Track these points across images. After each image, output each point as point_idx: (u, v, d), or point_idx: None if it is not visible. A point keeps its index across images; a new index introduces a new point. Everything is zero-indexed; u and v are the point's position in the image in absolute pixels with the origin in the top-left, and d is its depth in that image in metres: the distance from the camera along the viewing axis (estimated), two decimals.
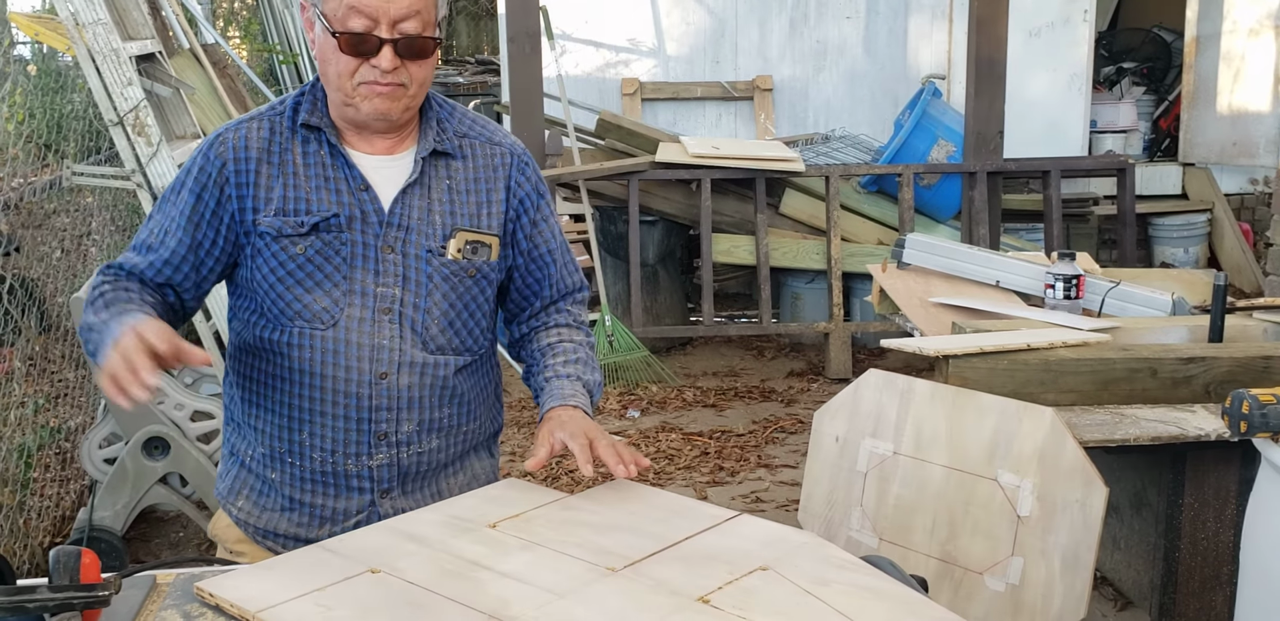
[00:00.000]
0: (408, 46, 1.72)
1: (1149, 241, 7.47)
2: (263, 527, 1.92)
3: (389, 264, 1.81)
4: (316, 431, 1.84)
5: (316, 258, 1.79)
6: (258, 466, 1.91)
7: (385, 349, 1.82)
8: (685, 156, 5.70)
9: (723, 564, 1.47)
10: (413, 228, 1.82)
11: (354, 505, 1.88)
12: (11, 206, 4.60)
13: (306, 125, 1.81)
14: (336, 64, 1.74)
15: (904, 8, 7.45)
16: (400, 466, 1.88)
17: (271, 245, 1.79)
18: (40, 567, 3.48)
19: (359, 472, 1.87)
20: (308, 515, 1.89)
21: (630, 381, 5.56)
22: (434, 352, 1.86)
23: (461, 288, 1.87)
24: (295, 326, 1.81)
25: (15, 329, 4.00)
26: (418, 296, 1.83)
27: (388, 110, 1.76)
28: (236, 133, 1.82)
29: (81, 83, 5.05)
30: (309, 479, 1.88)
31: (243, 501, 1.94)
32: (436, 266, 1.84)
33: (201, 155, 1.82)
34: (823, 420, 2.45)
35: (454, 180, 1.87)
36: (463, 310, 1.88)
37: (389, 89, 1.74)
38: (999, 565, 2.14)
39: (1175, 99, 8.06)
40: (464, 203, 1.87)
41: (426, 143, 1.85)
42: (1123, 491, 3.08)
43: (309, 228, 1.78)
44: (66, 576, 1.24)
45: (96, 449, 3.60)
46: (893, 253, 3.70)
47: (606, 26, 7.47)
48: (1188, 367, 2.69)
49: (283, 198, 1.79)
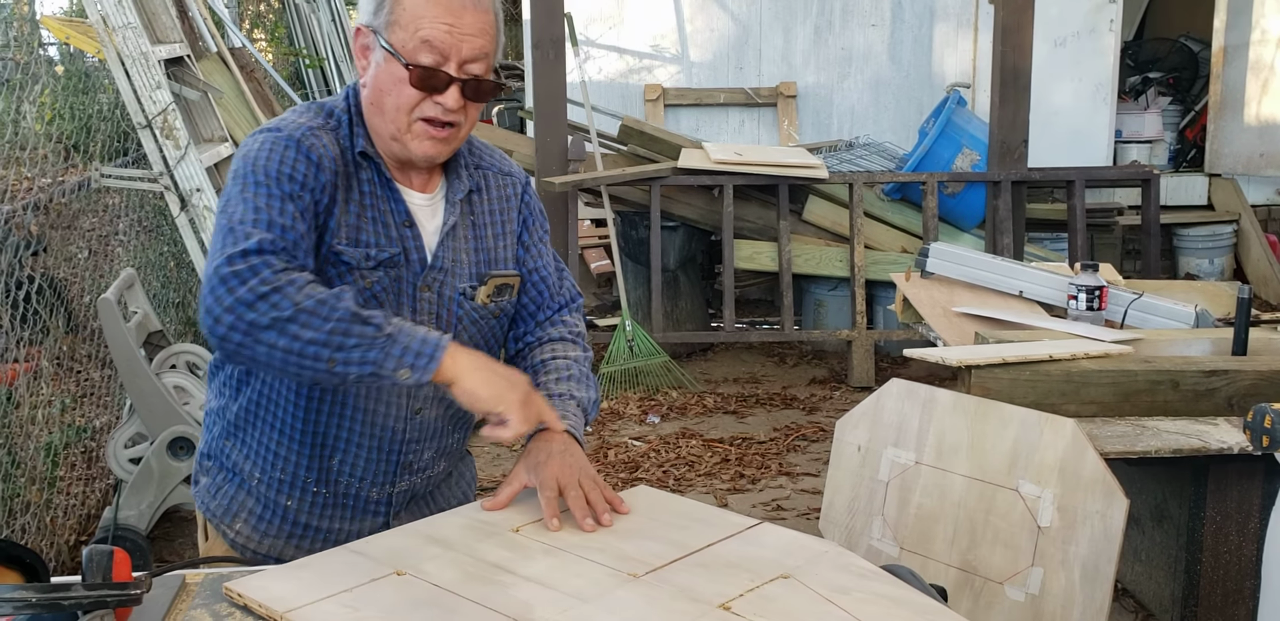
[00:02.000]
0: (474, 88, 1.71)
1: (1174, 252, 7.44)
2: (264, 553, 1.86)
3: (425, 302, 1.79)
4: (348, 460, 1.82)
5: (381, 293, 1.74)
6: (267, 490, 1.84)
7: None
8: (708, 162, 5.71)
9: (744, 571, 1.48)
10: (449, 269, 1.81)
11: (368, 526, 1.87)
12: (41, 207, 4.64)
13: (364, 154, 1.75)
14: (398, 96, 1.69)
15: (929, 16, 7.44)
16: (414, 490, 1.90)
17: (346, 276, 1.71)
18: (66, 565, 3.52)
19: (380, 498, 1.87)
20: (321, 541, 1.85)
21: (650, 387, 5.57)
22: None
23: (486, 328, 1.88)
24: None
25: (43, 329, 4.04)
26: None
27: (438, 154, 1.75)
28: (318, 140, 1.70)
29: (108, 84, 5.10)
30: (330, 504, 1.85)
31: (240, 525, 1.87)
32: (467, 310, 1.83)
33: (294, 151, 1.67)
34: (845, 429, 2.45)
35: (476, 215, 1.87)
36: (483, 346, 1.87)
37: (445, 133, 1.72)
38: (1019, 575, 2.14)
39: (1202, 109, 8.02)
40: (484, 237, 1.87)
41: (460, 183, 1.84)
42: (1144, 503, 3.07)
43: (376, 263, 1.73)
44: (99, 574, 1.26)
45: (122, 448, 3.64)
46: (916, 261, 3.70)
47: (631, 32, 7.49)
48: (1210, 380, 2.69)
49: (350, 226, 1.72)
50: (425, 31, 1.66)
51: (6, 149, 4.21)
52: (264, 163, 1.65)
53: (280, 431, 1.80)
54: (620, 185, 5.78)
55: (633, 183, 5.75)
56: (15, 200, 4.46)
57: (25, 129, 4.64)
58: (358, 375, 1.54)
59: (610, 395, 5.48)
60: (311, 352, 1.51)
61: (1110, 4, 7.24)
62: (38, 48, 5.81)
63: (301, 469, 1.82)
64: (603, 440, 4.93)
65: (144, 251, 5.19)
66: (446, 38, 1.67)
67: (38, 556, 1.30)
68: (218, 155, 4.50)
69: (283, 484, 1.83)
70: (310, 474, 1.82)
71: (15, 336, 3.82)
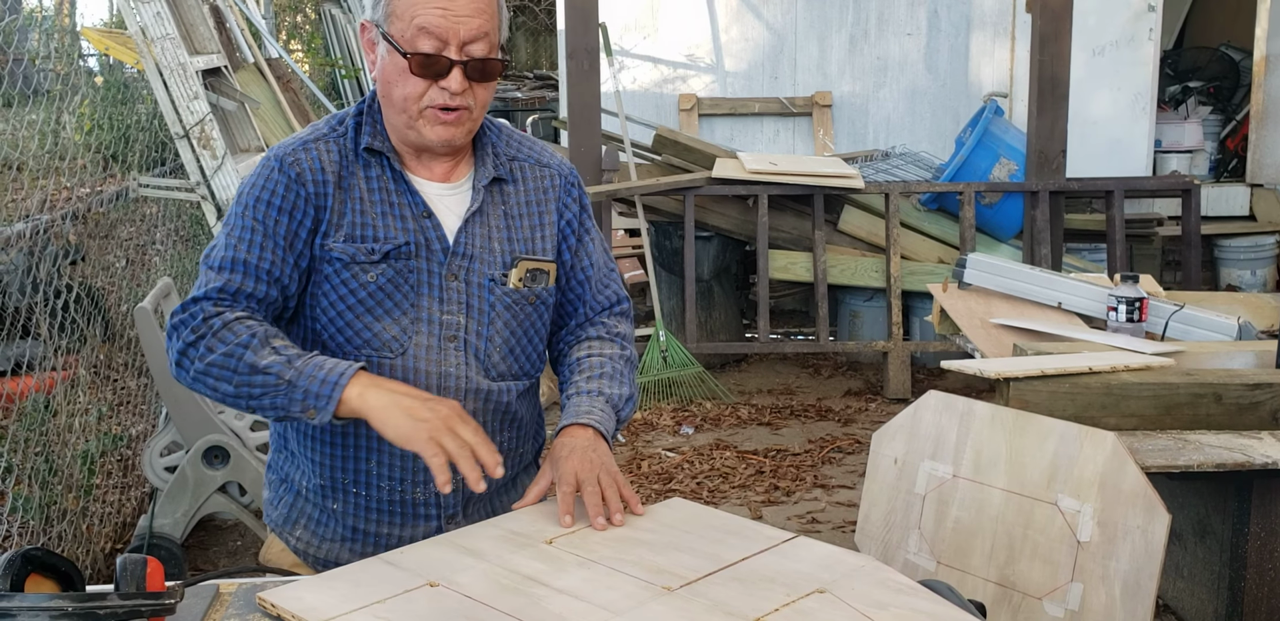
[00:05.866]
0: (476, 69, 1.72)
1: (1215, 264, 7.35)
2: (323, 557, 1.90)
3: (452, 292, 1.81)
4: (384, 461, 1.83)
5: (388, 285, 1.77)
6: (315, 496, 1.89)
7: (451, 376, 1.81)
8: (742, 172, 5.70)
9: (780, 585, 1.46)
10: (475, 256, 1.82)
11: (420, 532, 1.86)
12: (80, 217, 4.68)
13: (370, 150, 1.80)
14: (404, 86, 1.72)
15: (966, 25, 7.40)
16: (464, 491, 1.86)
17: (342, 272, 1.76)
18: (102, 573, 3.54)
19: (425, 500, 1.86)
20: (372, 544, 1.87)
21: (684, 397, 5.55)
22: (495, 379, 1.85)
23: (522, 315, 1.87)
24: (362, 355, 1.78)
25: (81, 337, 4.07)
26: (480, 324, 1.83)
27: (451, 137, 1.76)
28: (308, 153, 1.78)
29: (147, 94, 5.15)
30: (374, 508, 1.86)
31: (300, 531, 1.92)
32: (499, 295, 1.83)
33: (277, 172, 1.77)
34: (881, 441, 2.43)
35: (509, 205, 1.87)
36: (522, 336, 1.88)
37: (454, 116, 1.74)
38: (1058, 590, 2.11)
39: (1243, 119, 7.93)
40: (519, 227, 1.87)
41: (485, 170, 1.85)
42: (1186, 518, 3.02)
43: (380, 255, 1.76)
44: (133, 584, 1.26)
45: (158, 457, 3.65)
46: (954, 272, 3.67)
47: (665, 42, 7.49)
48: (1254, 394, 2.65)
49: (351, 224, 1.77)
50: (421, 19, 1.69)
51: (46, 159, 4.25)
52: (249, 188, 1.79)
53: (312, 437, 1.85)
54: (654, 195, 5.78)
55: (667, 193, 5.74)
56: (54, 209, 4.51)
57: (65, 139, 4.69)
58: (276, 417, 1.67)
59: (644, 406, 5.47)
60: (231, 402, 1.68)
61: (1149, 13, 7.18)
62: (78, 59, 5.88)
63: (339, 471, 1.84)
64: (636, 451, 4.91)
65: (181, 261, 5.23)
66: (442, 22, 1.69)
67: (73, 565, 1.30)
68: (254, 165, 4.53)
69: (325, 489, 1.87)
70: (347, 476, 1.85)
71: (53, 345, 3.85)
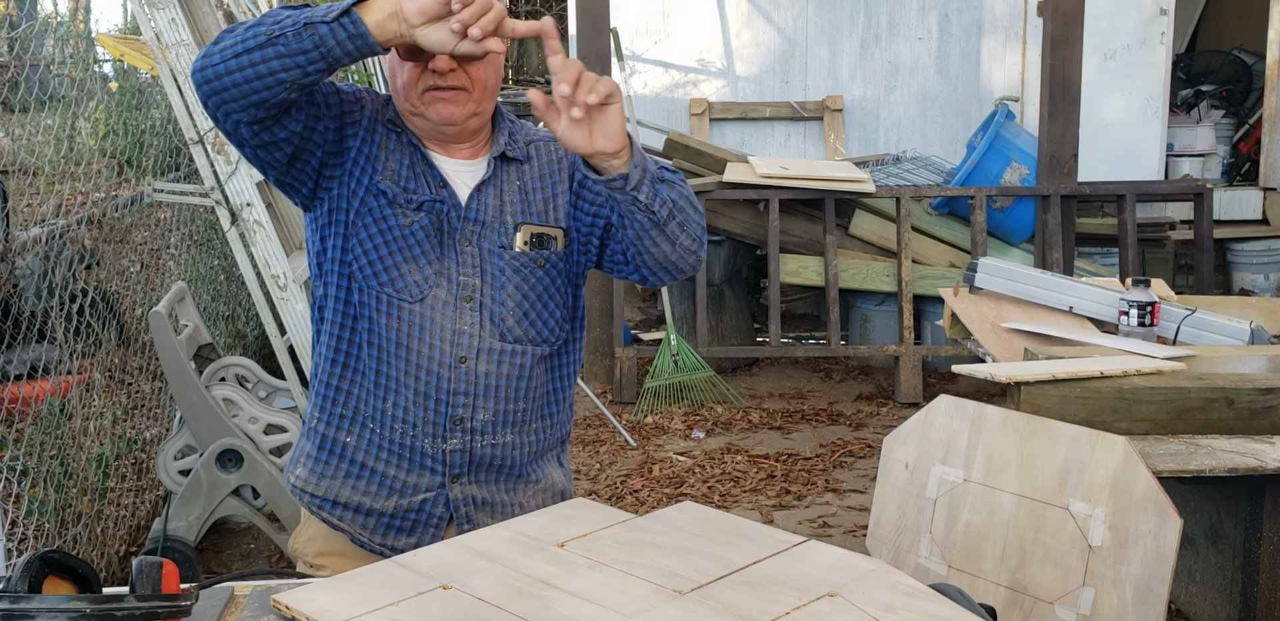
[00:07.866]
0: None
1: (1227, 267, 7.33)
2: (320, 495, 1.96)
3: (467, 256, 1.89)
4: (401, 403, 1.90)
5: (419, 233, 1.86)
6: (328, 429, 1.95)
7: (465, 334, 1.88)
8: (753, 176, 5.71)
9: (790, 589, 1.47)
10: (486, 223, 1.90)
11: (424, 482, 1.93)
12: (94, 221, 4.71)
13: (393, 121, 1.89)
14: (402, 74, 1.81)
15: (977, 29, 7.41)
16: (473, 454, 1.93)
17: (385, 208, 1.85)
18: (116, 575, 3.55)
19: (434, 454, 1.92)
20: (376, 483, 1.94)
21: (696, 401, 5.55)
22: (511, 343, 1.92)
23: (533, 279, 1.92)
24: (384, 293, 1.86)
25: (95, 341, 4.09)
26: (493, 288, 1.90)
27: (452, 114, 1.82)
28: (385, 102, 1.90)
29: (161, 100, 5.17)
30: (385, 448, 1.93)
31: (300, 469, 1.99)
32: (508, 259, 1.90)
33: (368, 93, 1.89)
34: (892, 445, 2.43)
35: (524, 180, 1.94)
36: (535, 301, 1.93)
37: (451, 93, 1.80)
38: (1069, 595, 2.11)
39: (1256, 122, 7.92)
40: (534, 201, 1.93)
41: (497, 146, 1.93)
42: (1198, 523, 3.02)
43: (417, 204, 1.86)
44: (149, 586, 1.27)
45: (172, 460, 3.67)
46: (965, 276, 3.67)
47: (676, 47, 7.51)
48: (1266, 398, 2.64)
49: (393, 170, 1.87)
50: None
51: (61, 164, 4.28)
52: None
53: (347, 366, 1.92)
54: None
55: None
56: (69, 214, 4.53)
57: (80, 144, 4.72)
58: (303, 72, 1.63)
59: (655, 410, 5.48)
60: (251, 75, 1.63)
61: (1161, 16, 7.17)
62: (93, 64, 5.91)
63: (363, 404, 1.92)
64: (647, 455, 4.92)
65: (195, 265, 5.26)
66: None
67: (90, 567, 1.31)
68: None
69: (343, 419, 1.94)
70: (369, 409, 1.92)
71: (68, 348, 3.87)
